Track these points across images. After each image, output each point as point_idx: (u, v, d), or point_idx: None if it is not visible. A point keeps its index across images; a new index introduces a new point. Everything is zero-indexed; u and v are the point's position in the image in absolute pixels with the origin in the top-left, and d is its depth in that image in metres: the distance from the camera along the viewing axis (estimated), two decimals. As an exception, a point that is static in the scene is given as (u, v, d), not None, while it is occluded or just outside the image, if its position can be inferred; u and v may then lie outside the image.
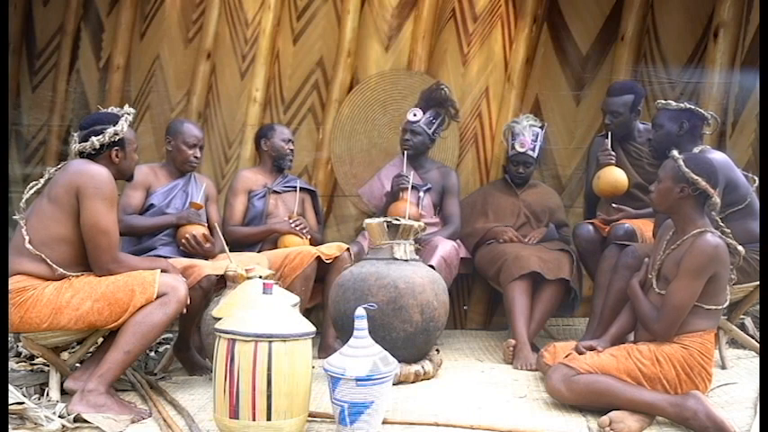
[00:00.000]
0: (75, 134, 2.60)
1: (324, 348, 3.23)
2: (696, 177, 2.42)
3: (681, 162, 2.45)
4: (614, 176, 3.37)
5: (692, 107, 3.06)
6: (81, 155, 2.56)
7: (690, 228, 2.45)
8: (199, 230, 3.16)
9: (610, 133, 3.50)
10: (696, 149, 2.91)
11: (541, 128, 3.76)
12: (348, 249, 3.39)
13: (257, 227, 3.55)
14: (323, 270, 3.30)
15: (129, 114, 2.63)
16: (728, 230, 2.51)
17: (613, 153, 3.44)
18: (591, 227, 3.42)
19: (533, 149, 3.72)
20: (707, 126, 3.11)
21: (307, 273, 3.18)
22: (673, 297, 2.37)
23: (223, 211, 3.62)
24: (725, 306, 2.50)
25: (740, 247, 2.50)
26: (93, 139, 2.53)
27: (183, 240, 3.13)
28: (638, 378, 2.36)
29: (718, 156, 2.92)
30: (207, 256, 3.18)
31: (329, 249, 3.33)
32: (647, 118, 3.89)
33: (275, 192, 3.65)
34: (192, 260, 3.05)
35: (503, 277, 3.42)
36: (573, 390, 2.38)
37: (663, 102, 3.18)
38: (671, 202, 2.48)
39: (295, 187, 3.68)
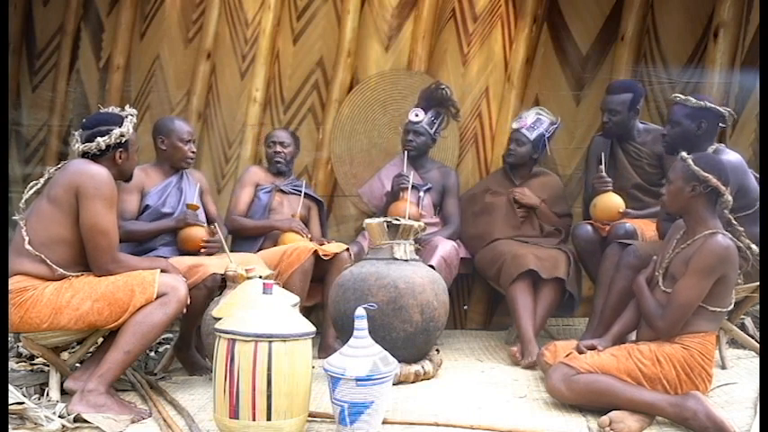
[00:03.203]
0: (77, 134, 2.60)
1: (324, 348, 3.23)
2: (707, 175, 2.41)
3: (690, 161, 2.45)
4: (612, 204, 3.34)
5: (712, 105, 2.96)
6: (85, 155, 2.55)
7: (701, 228, 2.44)
8: (200, 234, 3.16)
9: (604, 155, 3.46)
10: (711, 148, 2.88)
11: (553, 123, 3.75)
12: (348, 249, 3.39)
13: (259, 221, 3.56)
14: (323, 269, 3.30)
15: (132, 116, 2.64)
16: (741, 229, 2.49)
17: (609, 180, 3.39)
18: (590, 227, 3.40)
19: (529, 131, 3.70)
20: (723, 122, 3.04)
21: (305, 267, 3.18)
22: (679, 295, 2.37)
23: (229, 201, 3.64)
24: (729, 309, 2.49)
25: (754, 246, 2.48)
26: (99, 139, 2.53)
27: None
28: (639, 378, 2.36)
29: (732, 157, 2.86)
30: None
31: (328, 247, 3.34)
32: (647, 118, 3.89)
33: (281, 191, 3.67)
34: (198, 259, 3.05)
35: (503, 279, 3.42)
36: (573, 389, 2.38)
37: (681, 97, 3.03)
38: (682, 203, 2.48)
39: (301, 191, 3.69)
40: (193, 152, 3.33)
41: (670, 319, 2.38)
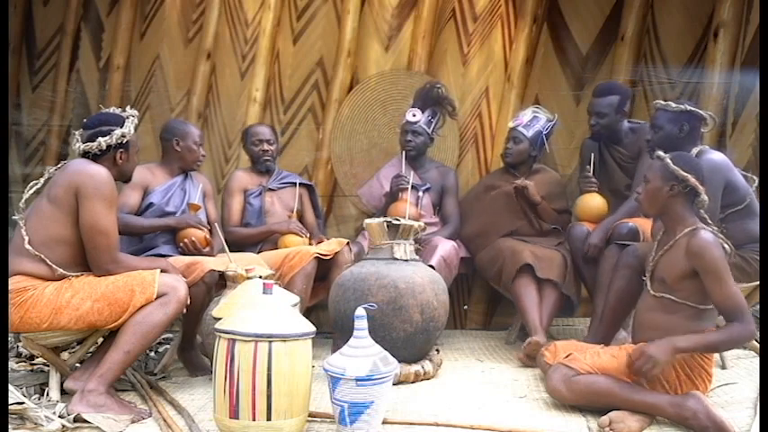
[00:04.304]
0: (78, 133, 2.60)
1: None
2: (686, 175, 2.42)
3: (668, 161, 2.46)
4: (593, 204, 3.43)
5: (692, 108, 3.03)
6: (85, 155, 2.56)
7: (680, 227, 2.45)
8: (199, 233, 3.17)
9: (594, 156, 3.52)
10: (695, 150, 2.92)
11: (549, 120, 3.76)
12: (348, 243, 3.39)
13: (257, 228, 3.56)
14: (325, 268, 3.29)
15: (134, 117, 2.65)
16: (715, 228, 2.48)
17: (594, 180, 3.47)
18: (585, 227, 3.42)
19: (526, 128, 3.71)
20: (704, 125, 3.10)
21: (307, 270, 3.17)
22: (733, 301, 2.31)
23: (221, 212, 3.63)
24: None
25: (727, 246, 2.48)
26: (101, 139, 2.53)
27: (182, 244, 3.15)
28: (639, 379, 2.36)
29: (716, 156, 2.92)
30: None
31: (328, 246, 3.33)
32: (646, 118, 3.89)
33: (270, 189, 3.66)
34: (195, 257, 3.06)
35: (504, 278, 3.42)
36: (573, 390, 2.38)
37: (662, 102, 3.11)
38: (661, 203, 2.48)
39: (290, 183, 3.69)
40: (204, 155, 3.39)
41: (748, 321, 2.30)
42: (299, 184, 3.72)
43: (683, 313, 2.41)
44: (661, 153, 2.51)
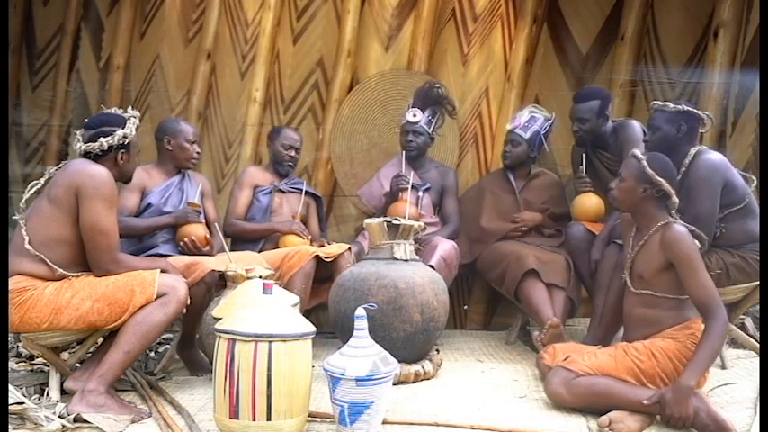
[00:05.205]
0: (79, 133, 2.61)
1: None
2: (659, 180, 2.46)
3: (645, 163, 2.48)
4: (590, 204, 3.49)
5: (689, 109, 3.03)
6: (86, 155, 2.56)
7: (652, 224, 2.48)
8: (199, 232, 3.17)
9: (584, 156, 3.55)
10: (693, 150, 2.92)
11: (547, 119, 3.76)
12: (349, 249, 3.39)
13: (259, 224, 3.56)
14: (328, 270, 3.29)
15: (135, 117, 2.66)
16: (683, 223, 2.49)
17: (588, 180, 3.50)
18: (582, 226, 3.43)
19: (523, 130, 3.72)
20: (702, 126, 3.10)
21: (306, 270, 3.17)
22: (706, 291, 2.33)
23: (227, 204, 3.64)
24: None
25: (698, 241, 2.49)
26: (102, 140, 2.54)
27: (182, 243, 3.15)
28: (637, 375, 2.36)
29: (715, 157, 2.94)
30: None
31: (329, 249, 3.34)
32: (647, 118, 3.90)
33: (280, 191, 3.67)
34: (195, 257, 3.06)
35: (508, 282, 3.41)
36: (573, 392, 2.38)
37: (659, 103, 3.11)
38: (634, 201, 2.52)
39: (300, 189, 3.70)
40: (198, 152, 3.37)
41: (721, 310, 2.32)
42: (307, 192, 3.73)
43: (666, 305, 2.44)
44: (638, 153, 2.53)
